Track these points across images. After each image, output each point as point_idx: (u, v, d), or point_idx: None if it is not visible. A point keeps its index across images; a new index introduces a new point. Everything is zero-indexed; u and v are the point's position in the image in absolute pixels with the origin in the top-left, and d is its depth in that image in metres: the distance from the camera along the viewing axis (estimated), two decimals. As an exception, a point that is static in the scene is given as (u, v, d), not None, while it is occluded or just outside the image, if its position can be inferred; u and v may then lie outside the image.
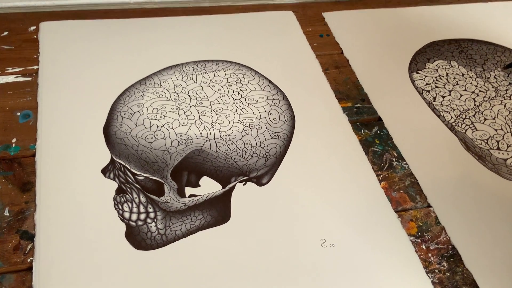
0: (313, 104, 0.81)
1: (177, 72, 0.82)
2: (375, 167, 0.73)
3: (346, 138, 0.76)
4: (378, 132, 0.78)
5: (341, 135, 0.77)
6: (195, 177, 0.68)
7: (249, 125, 0.75)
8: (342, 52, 0.92)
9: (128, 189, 0.65)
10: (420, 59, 0.92)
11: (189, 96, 0.78)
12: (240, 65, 0.86)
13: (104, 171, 0.67)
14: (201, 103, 0.78)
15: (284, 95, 0.81)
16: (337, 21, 0.99)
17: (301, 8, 1.01)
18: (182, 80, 0.81)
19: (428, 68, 0.91)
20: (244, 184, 0.68)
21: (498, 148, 0.78)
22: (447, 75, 0.90)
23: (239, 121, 0.76)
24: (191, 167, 0.69)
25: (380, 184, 0.71)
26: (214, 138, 0.73)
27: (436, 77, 0.89)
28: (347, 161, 0.73)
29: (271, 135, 0.75)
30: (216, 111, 0.77)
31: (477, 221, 0.68)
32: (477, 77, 0.90)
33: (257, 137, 0.74)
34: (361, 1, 1.05)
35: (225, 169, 0.70)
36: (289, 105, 0.80)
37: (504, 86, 0.89)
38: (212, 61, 0.86)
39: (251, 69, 0.85)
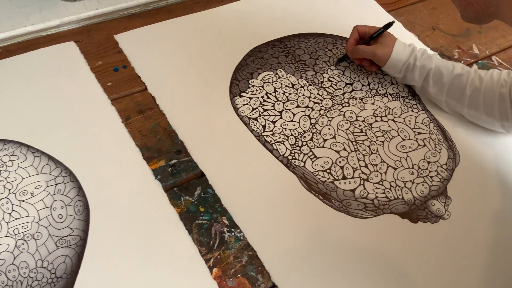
0: (112, 175, 0.62)
1: None
2: (202, 250, 0.57)
3: (161, 216, 0.59)
4: (202, 194, 0.62)
5: (155, 214, 0.59)
6: None
7: (24, 236, 0.54)
8: (146, 88, 0.73)
9: None
10: (242, 76, 0.76)
11: None
12: (5, 141, 0.63)
13: None
14: None
15: (71, 173, 0.61)
16: (135, 43, 0.78)
17: (86, 34, 0.78)
18: None
19: (253, 86, 0.75)
20: None
21: (344, 177, 0.66)
22: (275, 90, 0.75)
23: (8, 235, 0.54)
24: None
25: (212, 274, 0.55)
26: (-30, 275, 0.51)
27: (262, 98, 0.74)
28: (166, 252, 0.56)
29: (57, 243, 0.55)
30: (-29, 227, 0.54)
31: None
32: (309, 84, 0.77)
33: (36, 253, 0.54)
34: (163, 9, 0.85)
35: (-9, 322, 0.49)
36: (80, 188, 0.60)
37: (341, 89, 0.77)
38: (-39, 145, 0.62)
39: (21, 144, 0.63)
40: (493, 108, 0.71)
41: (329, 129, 0.71)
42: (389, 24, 0.76)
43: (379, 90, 0.78)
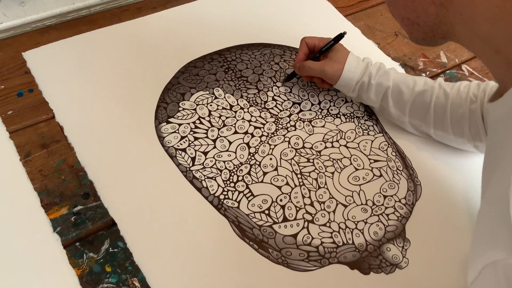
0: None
1: None
2: (105, 323, 0.46)
3: (56, 282, 0.48)
4: (111, 249, 0.51)
5: (48, 278, 0.48)
6: None
7: None
8: (53, 117, 0.62)
9: None
10: (171, 98, 0.66)
11: None
12: None
13: None
14: None
15: None
16: (46, 61, 0.67)
17: (-12, 52, 0.67)
18: None
19: (183, 109, 0.65)
20: None
21: (285, 219, 0.56)
22: (209, 114, 0.65)
23: None
24: None
25: None
26: None
27: (194, 123, 0.63)
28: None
29: None
30: None
31: None
32: (250, 105, 0.67)
33: None
34: (84, 19, 0.74)
35: None
36: (-44, 248, 0.49)
37: (287, 110, 0.67)
38: None
39: None
40: (462, 128, 0.61)
41: (270, 159, 0.61)
42: (340, 36, 0.66)
43: (331, 110, 0.68)
